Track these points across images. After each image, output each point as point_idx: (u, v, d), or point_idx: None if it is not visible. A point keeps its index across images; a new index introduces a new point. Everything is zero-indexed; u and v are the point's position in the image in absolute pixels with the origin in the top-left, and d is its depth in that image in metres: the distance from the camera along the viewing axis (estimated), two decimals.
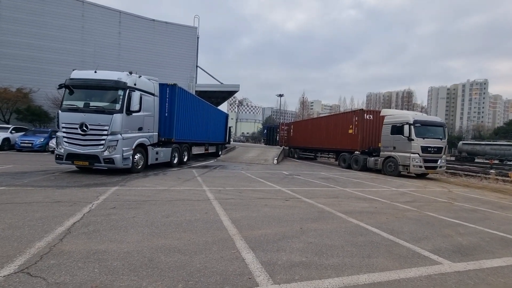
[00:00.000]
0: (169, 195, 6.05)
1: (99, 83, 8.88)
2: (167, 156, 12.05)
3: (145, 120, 10.05)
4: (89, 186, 6.68)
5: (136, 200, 5.36)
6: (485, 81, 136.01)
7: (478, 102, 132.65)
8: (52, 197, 5.24)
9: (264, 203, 5.77)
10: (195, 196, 6.17)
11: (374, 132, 16.97)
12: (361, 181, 11.18)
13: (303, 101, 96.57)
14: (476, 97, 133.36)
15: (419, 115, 14.37)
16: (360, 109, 17.46)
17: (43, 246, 2.97)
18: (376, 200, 6.93)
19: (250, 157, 19.94)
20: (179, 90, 12.90)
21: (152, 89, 10.64)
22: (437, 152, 13.57)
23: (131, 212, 4.51)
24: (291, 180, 10.11)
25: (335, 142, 19.54)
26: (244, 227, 4.02)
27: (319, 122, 22.89)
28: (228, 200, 5.86)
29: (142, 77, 10.10)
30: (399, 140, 13.88)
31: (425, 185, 11.18)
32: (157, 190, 6.62)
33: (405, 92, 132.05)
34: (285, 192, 7.40)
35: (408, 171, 13.62)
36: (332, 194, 7.42)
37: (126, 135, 9.03)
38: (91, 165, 8.73)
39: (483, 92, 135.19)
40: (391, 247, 3.55)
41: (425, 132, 13.53)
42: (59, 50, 22.76)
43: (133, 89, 9.18)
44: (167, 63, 25.89)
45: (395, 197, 7.61)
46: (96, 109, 8.76)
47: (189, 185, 7.71)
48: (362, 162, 16.24)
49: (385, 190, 9.02)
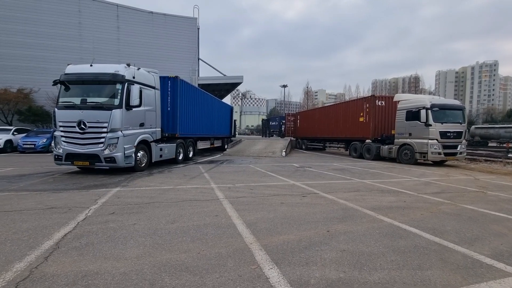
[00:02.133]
0: (175, 195, 5.51)
1: (95, 77, 8.31)
2: (171, 152, 11.54)
3: (146, 115, 9.49)
4: (89, 188, 6.19)
5: (138, 203, 4.84)
6: (495, 62, 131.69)
7: (488, 84, 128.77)
8: (45, 203, 4.74)
9: (279, 201, 5.19)
10: (203, 195, 5.62)
11: (386, 118, 16.16)
12: (377, 171, 10.51)
13: (307, 91, 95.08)
14: (486, 79, 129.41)
15: (436, 99, 13.49)
16: (371, 95, 16.62)
17: (23, 268, 2.45)
18: (401, 193, 6.29)
19: (257, 149, 19.35)
20: (181, 83, 12.28)
21: (153, 82, 10.03)
22: (456, 137, 12.76)
23: (132, 217, 3.97)
24: (303, 173, 9.51)
25: (345, 131, 18.78)
26: (262, 233, 3.45)
27: (328, 110, 22.06)
28: (240, 199, 5.29)
29: (141, 69, 9.49)
30: (415, 126, 13.09)
31: (447, 173, 10.46)
32: (162, 190, 6.09)
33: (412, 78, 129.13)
34: (300, 187, 6.81)
35: (425, 158, 12.88)
36: (351, 188, 6.80)
37: (127, 131, 8.50)
38: (92, 165, 8.25)
39: (493, 74, 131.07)
40: (442, 253, 2.94)
41: (443, 116, 12.70)
42: (57, 48, 22.23)
43: (132, 82, 8.59)
44: (168, 57, 25.20)
45: (421, 188, 6.95)
46: (93, 105, 8.22)
47: (196, 182, 7.17)
48: (375, 151, 15.52)
49: (407, 180, 8.35)
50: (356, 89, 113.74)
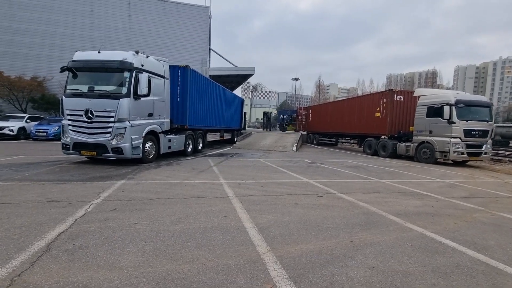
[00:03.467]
0: (182, 191, 5.18)
1: (102, 64, 8.01)
2: (180, 144, 11.26)
3: (155, 105, 9.19)
4: (94, 179, 5.94)
5: (143, 199, 4.53)
6: None
7: (511, 81, 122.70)
8: (47, 195, 4.50)
9: (293, 201, 4.78)
10: (211, 191, 5.27)
11: (404, 114, 15.36)
12: (395, 170, 9.92)
13: (319, 85, 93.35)
14: (508, 75, 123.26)
15: (461, 94, 12.62)
16: (389, 89, 15.79)
17: (4, 275, 2.14)
18: (426, 196, 5.76)
19: (267, 143, 18.91)
20: (192, 73, 11.91)
21: (162, 71, 9.68)
22: (482, 136, 11.92)
23: (134, 216, 3.66)
24: (316, 170, 9.04)
25: (359, 126, 18.06)
26: (276, 240, 3.05)
27: (341, 105, 21.30)
28: (250, 198, 4.91)
29: (150, 57, 9.14)
30: (437, 123, 12.31)
31: (471, 174, 9.76)
32: (168, 184, 5.78)
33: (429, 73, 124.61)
34: (314, 185, 6.37)
35: (446, 158, 12.13)
36: (370, 188, 6.31)
37: (135, 122, 8.22)
38: (99, 155, 8.03)
39: None
40: (492, 276, 2.47)
41: (469, 113, 11.86)
42: (70, 36, 22.19)
43: (141, 70, 8.26)
44: (179, 46, 24.83)
45: (447, 191, 6.38)
46: (101, 93, 7.95)
47: (205, 177, 6.84)
48: (391, 148, 14.81)
49: (429, 181, 7.77)
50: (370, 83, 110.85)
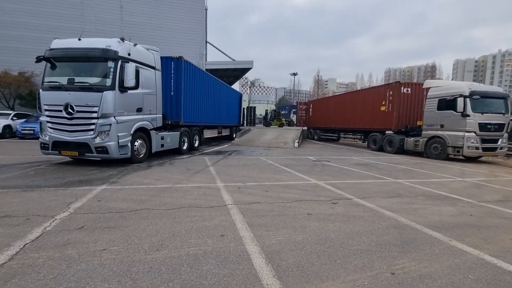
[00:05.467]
0: (171, 199, 4.36)
1: (83, 52, 7.11)
2: (175, 141, 10.41)
3: (145, 100, 8.31)
4: (70, 185, 5.10)
5: (122, 210, 3.70)
6: None
7: (510, 74, 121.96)
8: (3, 208, 3.65)
9: (305, 210, 3.97)
10: (207, 199, 4.45)
11: (412, 108, 14.57)
12: (407, 167, 9.14)
13: (317, 80, 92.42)
14: (508, 68, 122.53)
15: (475, 85, 11.79)
16: (396, 81, 14.98)
17: None
18: (456, 200, 4.97)
19: (268, 139, 18.10)
20: (186, 65, 11.01)
21: (152, 61, 8.78)
22: (498, 130, 11.15)
23: (105, 237, 2.83)
24: (323, 169, 8.24)
25: (363, 121, 17.26)
26: (292, 274, 2.24)
27: (344, 99, 20.46)
28: (253, 206, 4.10)
29: (139, 45, 8.24)
30: (449, 116, 11.51)
31: (491, 171, 9.00)
32: (157, 189, 4.95)
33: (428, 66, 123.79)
34: (325, 188, 5.57)
35: (459, 153, 11.36)
36: (389, 191, 5.51)
37: (122, 117, 7.35)
38: (82, 155, 7.17)
39: None
40: None
41: (484, 105, 11.06)
42: (58, 29, 21.04)
43: (127, 59, 7.37)
44: (174, 39, 23.78)
45: (476, 193, 5.60)
46: (82, 86, 7.07)
47: (200, 179, 6.01)
48: (398, 144, 14.03)
49: (450, 180, 6.99)
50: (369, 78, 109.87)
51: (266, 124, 32.92)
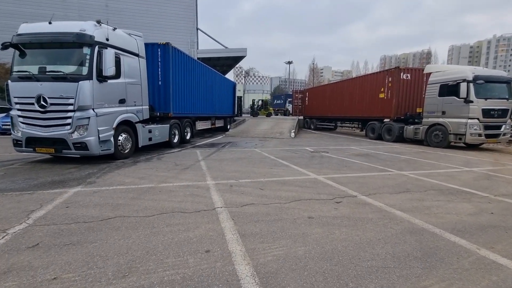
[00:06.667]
0: (152, 202, 3.81)
1: (55, 37, 6.36)
2: (164, 134, 9.80)
3: (128, 90, 7.64)
4: (40, 187, 4.52)
5: (91, 219, 3.15)
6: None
7: (505, 60, 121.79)
8: None
9: (305, 213, 3.47)
10: (193, 201, 3.92)
11: (412, 95, 14.08)
12: (409, 157, 8.70)
13: (313, 68, 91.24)
14: (502, 54, 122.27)
15: (479, 69, 11.27)
16: (395, 67, 14.39)
17: None
18: (470, 194, 4.53)
19: (263, 130, 17.53)
20: (175, 52, 10.28)
21: (135, 47, 8.05)
22: (501, 116, 10.73)
23: (62, 257, 2.30)
24: (321, 161, 7.75)
25: (361, 109, 16.76)
26: None
27: (341, 86, 19.85)
28: (246, 209, 3.58)
29: (119, 30, 7.49)
30: (451, 102, 11.05)
31: (496, 160, 8.62)
32: (138, 190, 4.40)
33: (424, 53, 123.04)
34: (325, 183, 5.07)
35: (461, 140, 10.96)
36: (395, 185, 5.05)
37: (102, 110, 6.70)
38: (58, 152, 6.54)
39: (510, 49, 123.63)
40: None
41: (487, 91, 10.59)
42: (39, 16, 19.72)
43: (105, 45, 6.65)
44: (163, 26, 22.67)
45: (489, 185, 5.17)
46: (55, 75, 6.36)
47: (188, 177, 5.46)
48: (397, 132, 13.61)
49: (457, 171, 6.55)
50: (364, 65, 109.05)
51: (253, 114, 31.90)
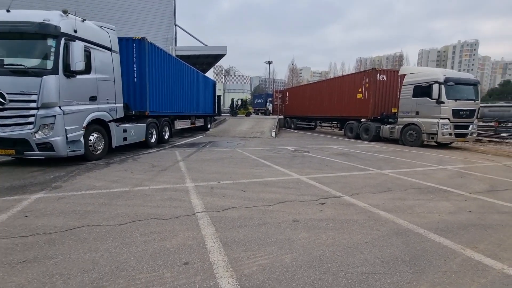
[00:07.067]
0: (125, 208, 3.50)
1: (14, 27, 5.74)
2: (140, 134, 9.31)
3: (100, 86, 7.13)
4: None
5: (53, 230, 2.80)
6: (476, 41, 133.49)
7: (468, 64, 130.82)
8: None
9: (290, 216, 3.35)
10: (172, 205, 3.66)
11: (388, 95, 14.55)
12: (387, 156, 8.93)
13: (292, 68, 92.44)
14: (466, 58, 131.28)
15: (449, 72, 11.86)
16: (372, 68, 14.79)
17: None
18: (447, 192, 4.65)
19: (244, 129, 17.35)
20: (151, 47, 9.81)
21: (107, 41, 7.54)
22: (469, 116, 11.35)
23: (12, 278, 1.97)
24: (303, 160, 7.72)
25: (339, 109, 17.08)
26: None
27: (320, 86, 20.13)
28: (228, 213, 3.39)
29: (89, 22, 6.96)
30: (425, 103, 11.52)
31: (466, 158, 9.07)
32: (110, 195, 4.05)
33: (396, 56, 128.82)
34: (309, 184, 5.00)
35: (434, 140, 11.48)
36: (376, 184, 5.08)
37: (70, 107, 6.18)
38: (20, 153, 5.93)
39: (473, 54, 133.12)
40: None
41: (457, 92, 11.16)
42: None
43: (73, 37, 6.13)
44: (138, 21, 21.70)
45: (463, 183, 5.36)
46: (14, 69, 5.76)
47: (166, 179, 5.16)
48: (374, 131, 14.00)
49: (432, 169, 6.78)
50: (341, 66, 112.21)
51: (232, 113, 31.61)
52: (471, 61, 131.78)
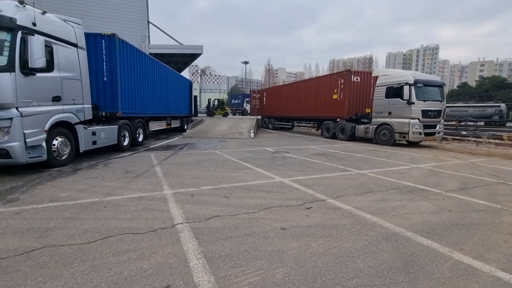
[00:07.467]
0: (95, 222, 3.14)
1: None
2: (112, 137, 8.70)
3: (64, 86, 6.51)
4: None
5: (5, 253, 2.40)
6: (437, 46, 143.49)
7: (430, 67, 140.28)
8: None
9: (277, 223, 3.20)
10: (148, 216, 3.35)
11: (362, 96, 15.03)
12: (364, 156, 9.16)
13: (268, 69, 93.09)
14: (428, 62, 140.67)
15: (418, 74, 12.48)
16: (347, 69, 15.17)
17: None
18: (425, 191, 4.78)
19: (222, 130, 17.04)
20: (122, 44, 9.24)
21: (72, 36, 6.92)
22: (436, 116, 12.03)
23: None
24: (284, 162, 7.65)
25: (316, 109, 17.37)
26: None
27: (297, 87, 20.34)
28: (211, 223, 3.16)
29: (50, 15, 6.33)
30: (396, 104, 12.03)
31: (435, 156, 9.56)
32: (77, 207, 3.63)
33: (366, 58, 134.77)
34: (292, 187, 4.90)
35: (405, 139, 12.03)
36: (358, 185, 5.11)
37: (29, 109, 5.55)
38: None
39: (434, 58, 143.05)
40: None
41: (425, 93, 11.77)
42: None
43: (31, 31, 5.52)
44: (107, 17, 20.49)
45: (436, 181, 5.57)
46: None
47: (141, 186, 4.78)
48: (349, 131, 14.40)
49: (407, 168, 7.02)
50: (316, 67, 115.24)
51: (209, 114, 31.07)
52: (432, 64, 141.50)
